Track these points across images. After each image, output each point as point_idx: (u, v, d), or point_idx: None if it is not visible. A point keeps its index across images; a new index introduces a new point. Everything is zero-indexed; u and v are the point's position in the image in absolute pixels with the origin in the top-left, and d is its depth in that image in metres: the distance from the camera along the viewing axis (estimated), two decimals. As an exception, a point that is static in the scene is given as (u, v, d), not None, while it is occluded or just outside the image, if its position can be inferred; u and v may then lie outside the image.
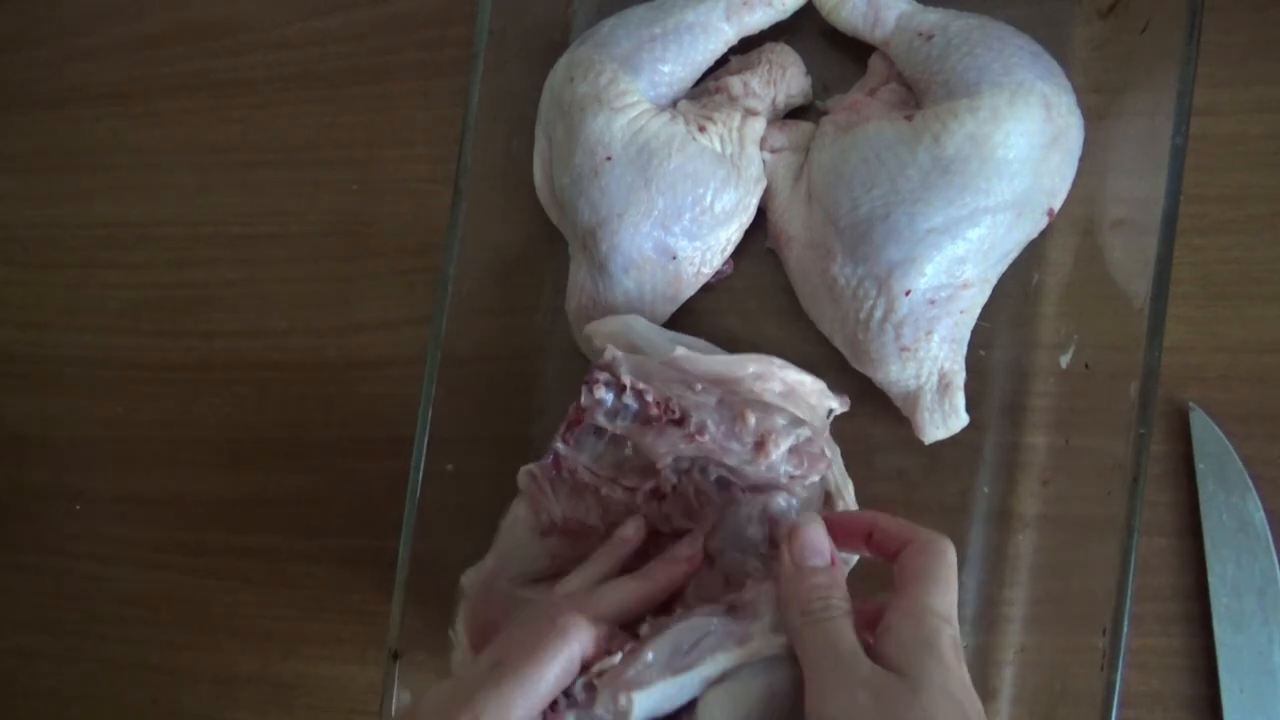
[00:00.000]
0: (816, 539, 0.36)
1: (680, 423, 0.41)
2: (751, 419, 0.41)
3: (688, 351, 0.42)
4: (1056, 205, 0.44)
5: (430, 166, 0.55)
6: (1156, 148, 0.40)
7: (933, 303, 0.43)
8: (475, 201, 0.47)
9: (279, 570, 0.57)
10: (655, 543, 0.42)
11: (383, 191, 0.57)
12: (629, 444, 0.42)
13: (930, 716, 0.31)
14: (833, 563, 0.36)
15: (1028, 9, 0.46)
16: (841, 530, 0.37)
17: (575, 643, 0.35)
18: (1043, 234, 0.44)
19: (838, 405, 0.45)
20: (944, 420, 0.44)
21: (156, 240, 0.61)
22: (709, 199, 0.46)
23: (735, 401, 0.42)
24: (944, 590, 0.35)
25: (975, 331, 0.45)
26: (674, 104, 0.47)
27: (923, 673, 0.32)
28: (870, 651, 0.33)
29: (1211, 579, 0.44)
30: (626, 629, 0.37)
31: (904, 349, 0.43)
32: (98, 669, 0.60)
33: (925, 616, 0.34)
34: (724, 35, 0.47)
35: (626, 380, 0.42)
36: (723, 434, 0.41)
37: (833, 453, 0.44)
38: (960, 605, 0.35)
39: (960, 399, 0.44)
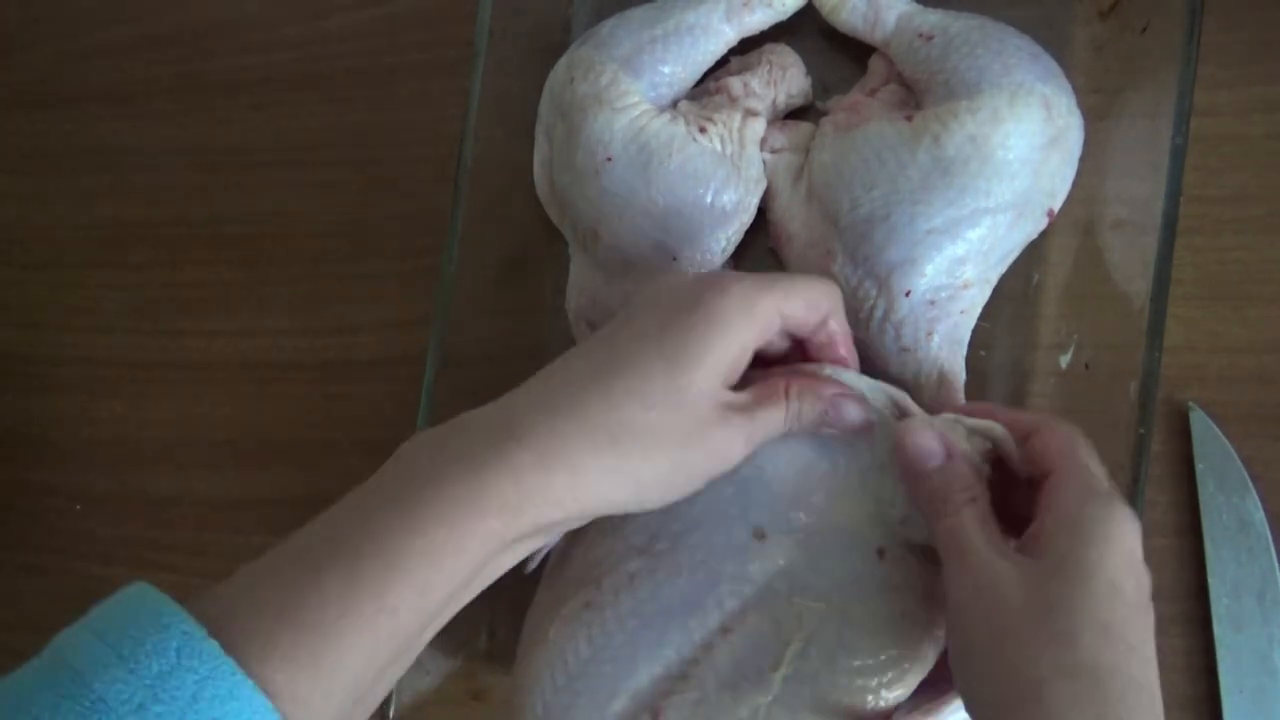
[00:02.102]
0: (923, 441, 0.36)
1: None
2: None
3: None
4: (1056, 206, 0.44)
5: (430, 166, 0.55)
6: (1156, 148, 0.40)
7: (933, 303, 0.43)
8: (475, 201, 0.47)
9: (279, 570, 0.57)
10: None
11: (383, 191, 0.57)
12: None
13: (1080, 611, 0.29)
14: (950, 455, 0.35)
15: (1028, 9, 0.45)
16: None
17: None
18: (1043, 234, 0.44)
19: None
20: None
21: (156, 240, 0.61)
22: (709, 199, 0.46)
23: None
24: (1088, 465, 0.33)
25: (975, 332, 0.45)
26: (674, 105, 0.47)
27: (1082, 565, 0.30)
28: (1017, 534, 0.32)
29: (1211, 579, 0.44)
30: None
31: (904, 349, 0.43)
32: (98, 669, 0.60)
33: (1085, 494, 0.32)
34: (724, 36, 0.47)
35: None
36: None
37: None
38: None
39: (960, 400, 0.44)
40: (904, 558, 0.38)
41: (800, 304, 0.37)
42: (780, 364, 0.40)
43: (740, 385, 0.37)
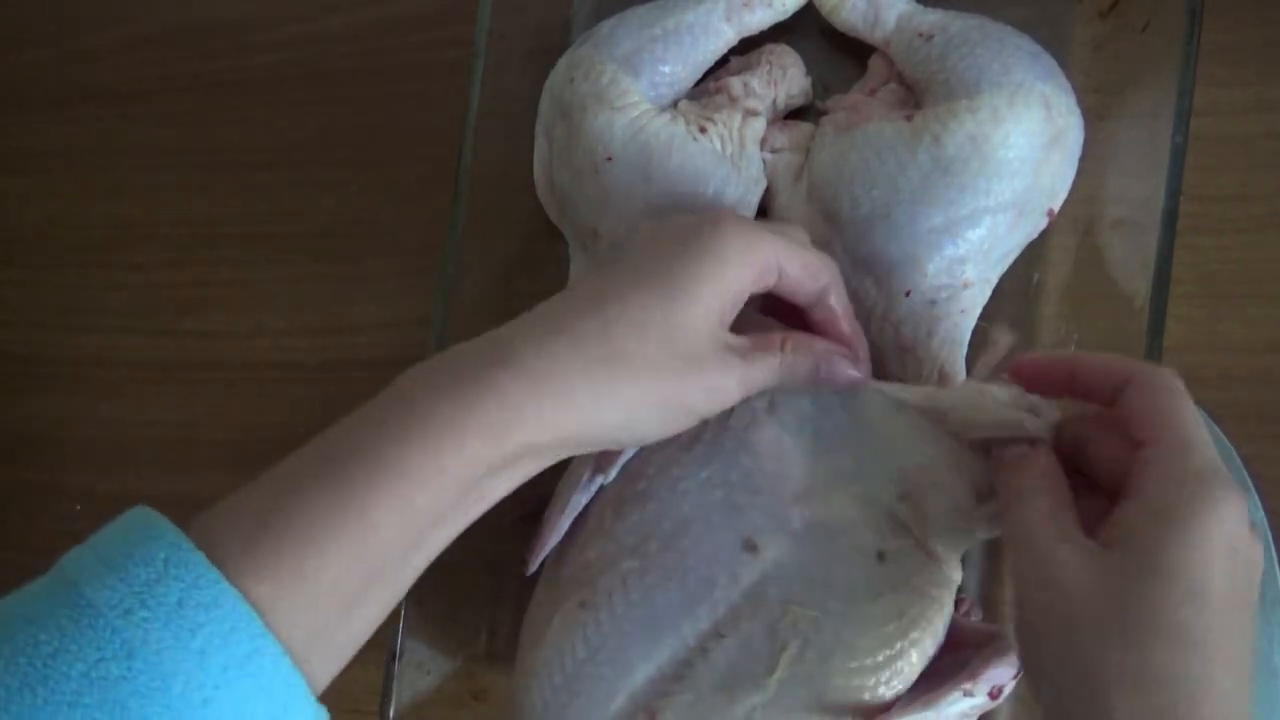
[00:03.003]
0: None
1: None
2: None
3: None
4: (1056, 205, 0.44)
5: (430, 166, 0.55)
6: (1156, 148, 0.40)
7: (933, 303, 0.43)
8: (475, 201, 0.47)
9: (279, 570, 0.57)
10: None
11: (383, 191, 0.57)
12: None
13: (1165, 609, 0.26)
14: (1031, 442, 0.33)
15: (1028, 9, 0.45)
16: (1035, 379, 0.34)
17: None
18: (1043, 234, 0.44)
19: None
20: None
21: (156, 240, 0.61)
22: (709, 199, 0.46)
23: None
24: (1190, 433, 0.29)
25: (975, 332, 0.45)
26: (674, 104, 0.47)
27: (1170, 558, 0.26)
28: (1104, 527, 0.29)
29: (1212, 579, 0.44)
30: None
31: (904, 349, 0.43)
32: (98, 669, 0.60)
33: (1179, 471, 0.28)
34: (724, 36, 0.47)
35: None
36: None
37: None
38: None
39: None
40: (903, 558, 0.38)
41: (798, 264, 0.37)
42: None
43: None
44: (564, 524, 0.42)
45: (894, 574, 0.38)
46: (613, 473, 0.41)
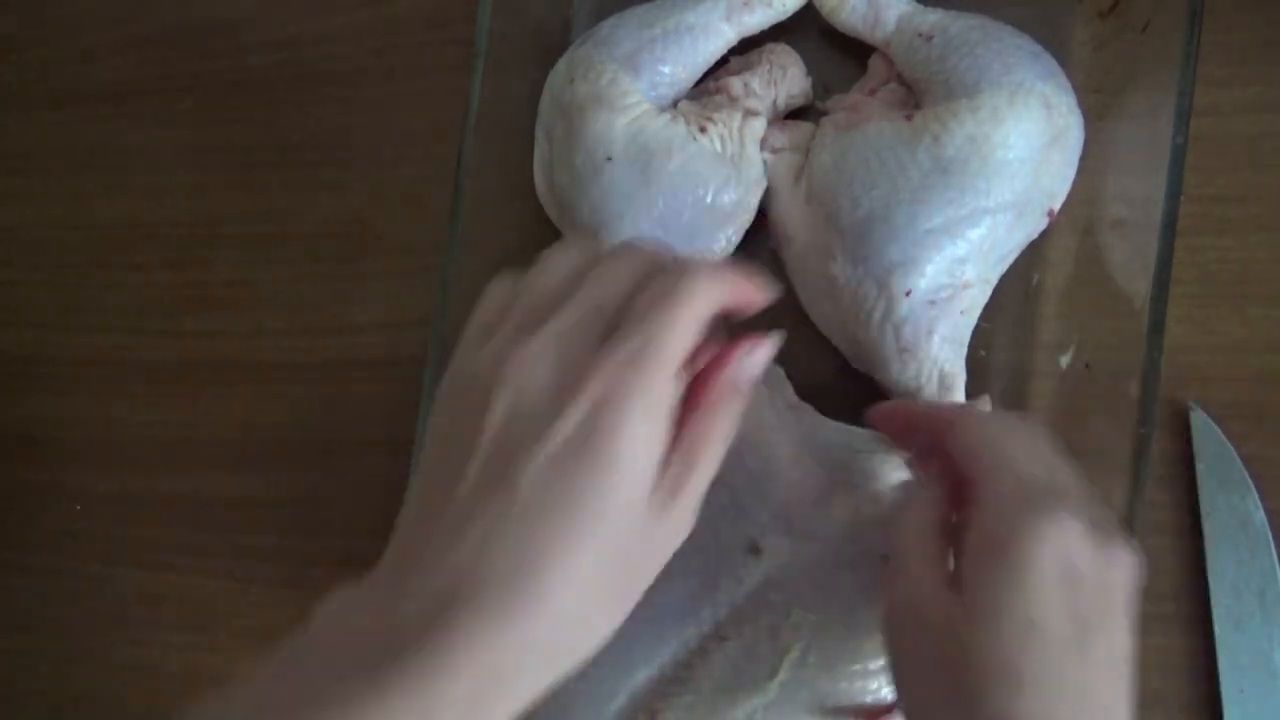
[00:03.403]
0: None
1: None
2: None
3: None
4: (1057, 205, 0.44)
5: (430, 166, 0.55)
6: (1157, 148, 0.40)
7: (933, 303, 0.43)
8: (475, 201, 0.47)
9: (279, 570, 0.57)
10: None
11: (383, 191, 0.57)
12: None
13: (973, 647, 0.25)
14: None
15: (1028, 9, 0.45)
16: (881, 425, 0.35)
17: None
18: (1043, 234, 0.44)
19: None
20: None
21: (156, 240, 0.61)
22: (709, 199, 0.46)
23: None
24: (1011, 466, 0.28)
25: (975, 332, 0.45)
26: (674, 104, 0.47)
27: (979, 588, 0.26)
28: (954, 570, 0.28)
29: (1212, 579, 0.44)
30: None
31: (904, 349, 0.43)
32: (98, 669, 0.60)
33: (993, 512, 0.27)
34: (724, 36, 0.47)
35: None
36: None
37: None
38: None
39: (961, 385, 0.44)
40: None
41: (693, 331, 0.29)
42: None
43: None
44: None
45: None
46: None
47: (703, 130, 0.46)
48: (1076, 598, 0.26)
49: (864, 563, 0.38)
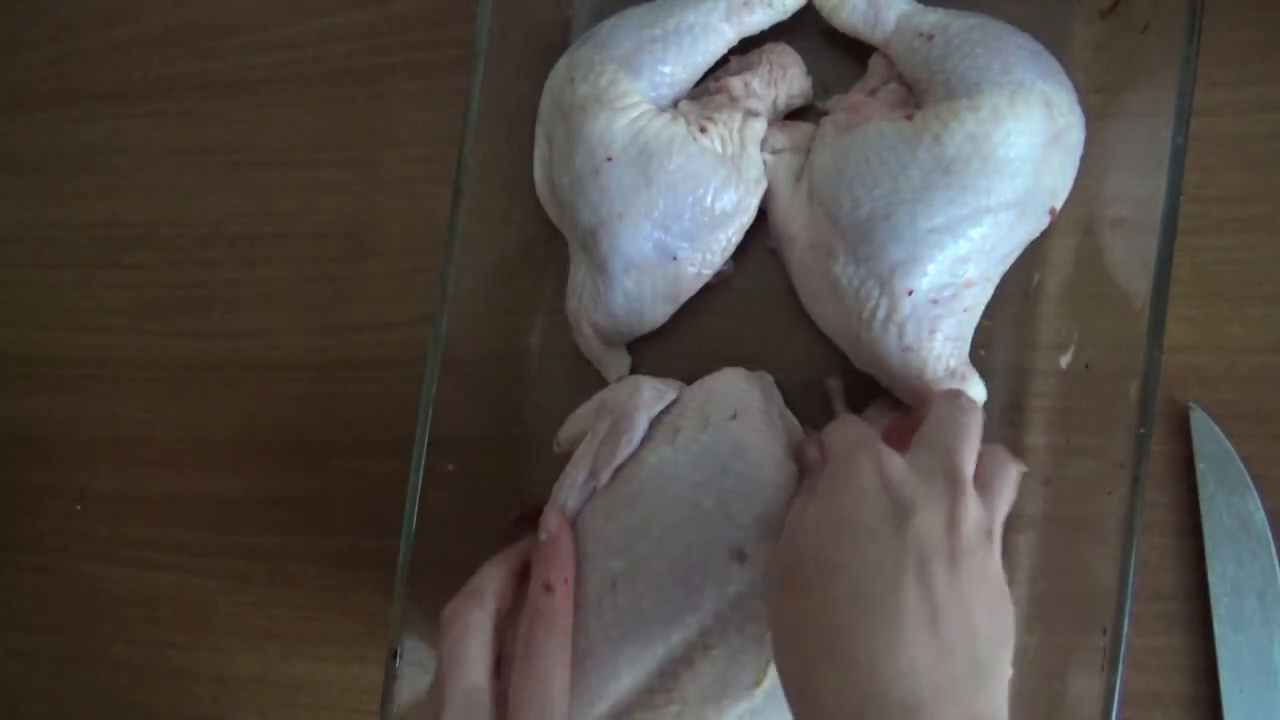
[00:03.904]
0: (853, 432, 0.37)
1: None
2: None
3: None
4: (1058, 204, 0.44)
5: (430, 166, 0.55)
6: (1157, 148, 0.40)
7: (935, 302, 0.43)
8: (475, 201, 0.47)
9: (279, 570, 0.57)
10: None
11: (383, 191, 0.57)
12: None
13: (803, 517, 0.33)
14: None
15: (1028, 9, 0.45)
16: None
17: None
18: (1043, 234, 0.44)
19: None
20: None
21: (156, 240, 0.61)
22: (709, 200, 0.46)
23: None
24: (934, 425, 0.35)
25: (976, 331, 0.45)
26: (674, 104, 0.47)
27: (816, 482, 0.34)
28: None
29: (1212, 579, 0.44)
30: None
31: (907, 348, 0.43)
32: (98, 669, 0.60)
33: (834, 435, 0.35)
34: (724, 36, 0.47)
35: None
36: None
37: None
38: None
39: (977, 382, 0.44)
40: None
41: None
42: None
43: None
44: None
45: None
46: (605, 477, 0.41)
47: (703, 130, 0.46)
48: (884, 509, 0.32)
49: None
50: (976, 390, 0.44)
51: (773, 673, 0.37)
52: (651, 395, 0.42)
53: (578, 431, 0.45)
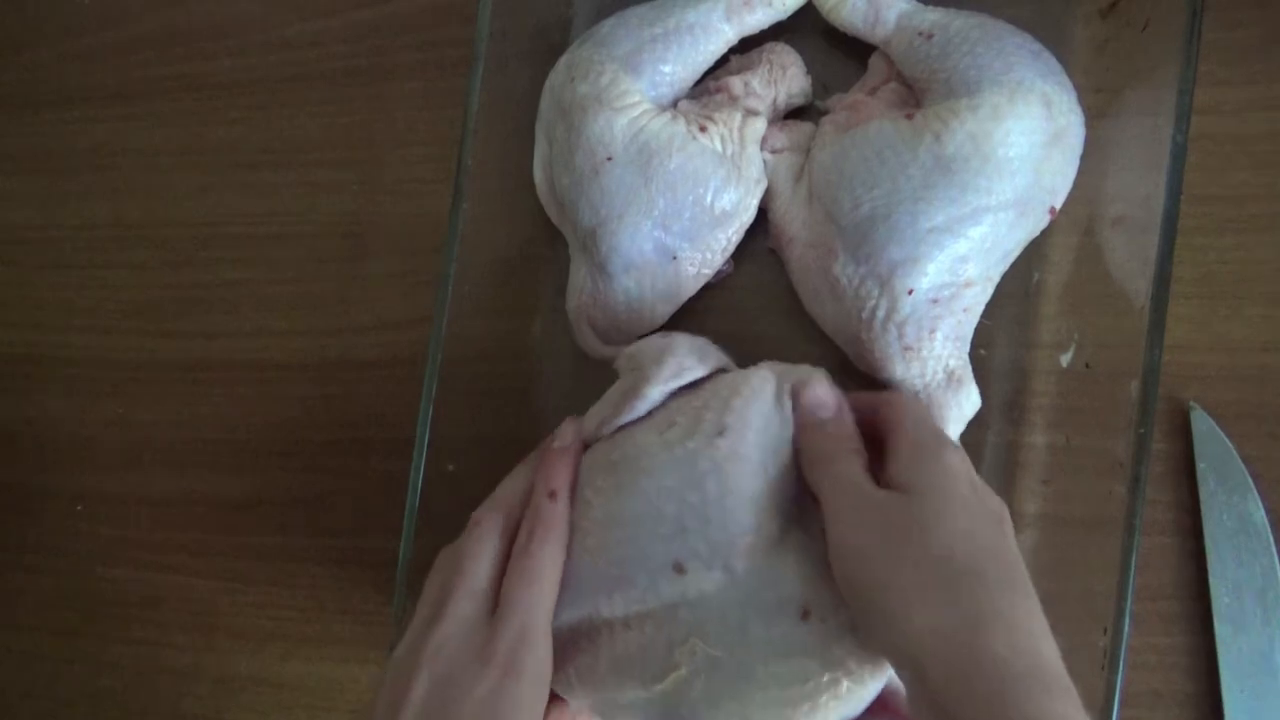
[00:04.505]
0: (821, 393, 0.39)
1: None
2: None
3: None
4: (1058, 203, 0.44)
5: (430, 166, 0.55)
6: (1157, 147, 0.40)
7: (935, 301, 0.43)
8: (475, 201, 0.47)
9: (279, 570, 0.57)
10: None
11: (383, 191, 0.57)
12: None
13: (934, 519, 0.33)
14: (838, 408, 0.39)
15: (1028, 8, 0.45)
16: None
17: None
18: (1043, 233, 0.44)
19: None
20: (958, 412, 0.44)
21: (156, 240, 0.61)
22: (709, 199, 0.46)
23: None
24: (920, 419, 0.38)
25: (975, 330, 0.45)
26: (674, 104, 0.47)
27: (926, 483, 0.34)
28: (880, 483, 0.36)
29: (1212, 578, 0.44)
30: None
31: (907, 348, 0.43)
32: (98, 669, 0.60)
33: (917, 433, 0.37)
34: (724, 35, 0.47)
35: None
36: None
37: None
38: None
39: (973, 388, 0.44)
40: (829, 622, 0.36)
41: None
42: None
43: None
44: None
45: (813, 637, 0.36)
46: (606, 429, 0.41)
47: (703, 130, 0.46)
48: (981, 495, 0.35)
49: (779, 620, 0.37)
50: (971, 398, 0.44)
51: (672, 680, 0.38)
52: (673, 369, 0.41)
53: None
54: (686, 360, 0.41)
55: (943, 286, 0.42)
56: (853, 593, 0.35)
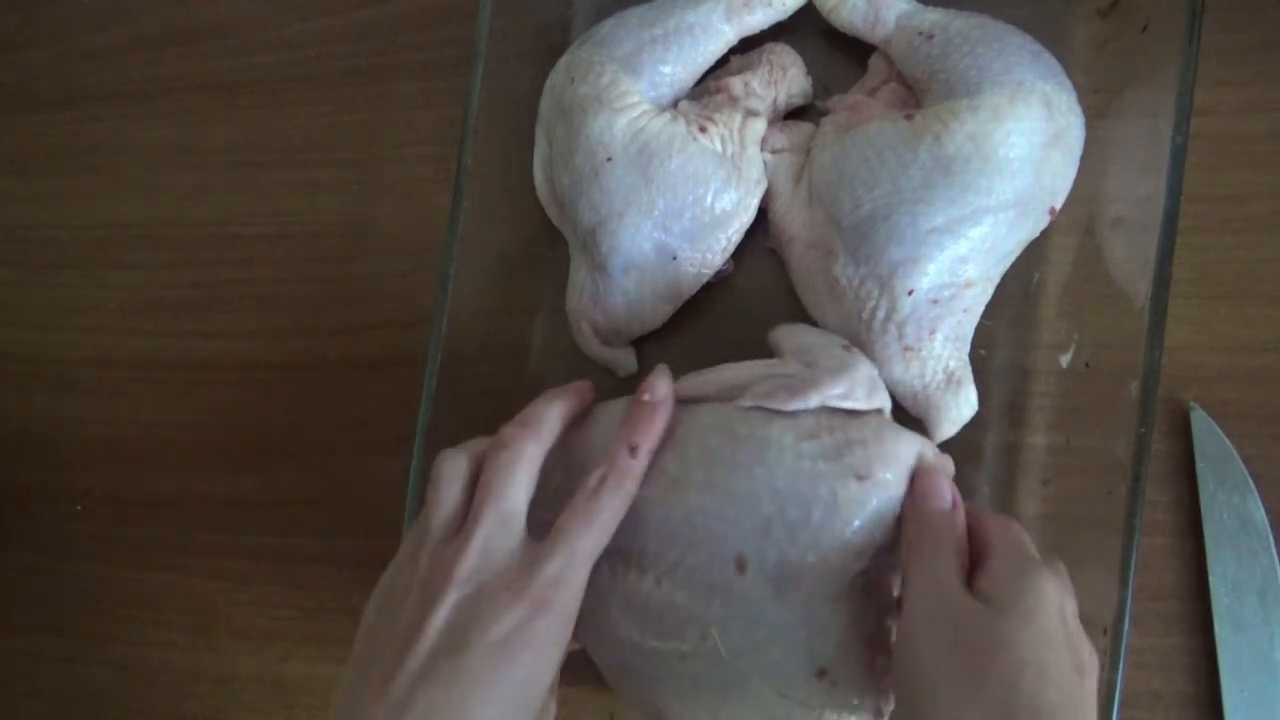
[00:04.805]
0: (942, 485, 0.37)
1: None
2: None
3: None
4: (1058, 204, 0.44)
5: (430, 166, 0.55)
6: (1157, 147, 0.40)
7: (935, 302, 0.43)
8: (475, 201, 0.47)
9: (279, 570, 0.57)
10: None
11: (383, 191, 0.57)
12: None
13: (1009, 639, 0.32)
14: (954, 505, 0.36)
15: (1028, 9, 0.46)
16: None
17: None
18: (1043, 234, 0.44)
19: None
20: (956, 414, 0.44)
21: (156, 240, 0.61)
22: (709, 199, 0.46)
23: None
24: (1023, 540, 0.36)
25: (976, 331, 0.45)
26: (674, 104, 0.47)
27: (1012, 600, 0.33)
28: (972, 589, 0.34)
29: (1212, 578, 0.44)
30: None
31: (907, 349, 0.43)
32: (98, 669, 0.60)
33: (1018, 552, 0.35)
34: (724, 36, 0.47)
35: None
36: None
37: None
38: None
39: (971, 391, 0.44)
40: (836, 686, 0.37)
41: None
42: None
43: None
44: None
45: (816, 694, 0.37)
46: (741, 403, 0.40)
47: (703, 130, 0.46)
48: (1070, 634, 0.34)
49: (796, 660, 0.37)
50: (969, 400, 0.44)
51: (671, 652, 0.38)
52: (844, 389, 0.39)
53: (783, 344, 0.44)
54: (859, 390, 0.39)
55: (943, 287, 0.42)
56: (908, 687, 0.34)
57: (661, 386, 0.40)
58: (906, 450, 0.37)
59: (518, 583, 0.35)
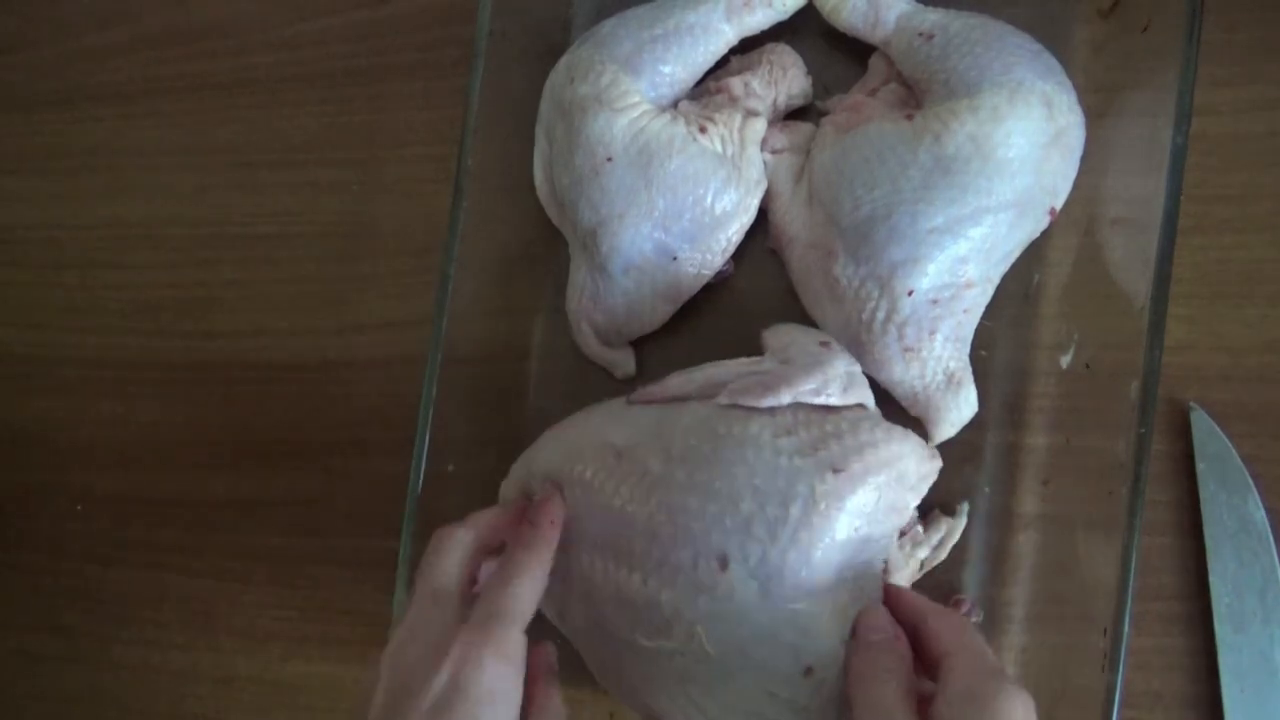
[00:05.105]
0: (879, 620, 0.36)
1: None
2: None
3: None
4: (1058, 204, 0.44)
5: (430, 166, 0.55)
6: (1157, 147, 0.40)
7: (935, 302, 0.43)
8: (475, 201, 0.47)
9: (279, 570, 0.57)
10: None
11: (383, 191, 0.57)
12: None
13: None
14: (897, 637, 0.36)
15: (1028, 9, 0.45)
16: (896, 611, 0.38)
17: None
18: (1043, 234, 0.44)
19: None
20: (956, 415, 0.44)
21: (156, 240, 0.61)
22: (709, 200, 0.46)
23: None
24: (980, 647, 0.35)
25: (976, 331, 0.45)
26: (675, 105, 0.47)
27: None
28: (923, 713, 0.33)
29: (1212, 578, 0.44)
30: None
31: (907, 349, 0.43)
32: (98, 669, 0.60)
33: (975, 667, 0.33)
34: (724, 36, 0.47)
35: None
36: None
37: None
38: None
39: (971, 392, 0.44)
40: (825, 683, 0.36)
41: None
42: None
43: None
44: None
45: (803, 692, 0.37)
46: (721, 399, 0.40)
47: (703, 130, 0.46)
48: None
49: (783, 659, 0.37)
50: (969, 401, 0.44)
51: (656, 646, 0.38)
52: (817, 385, 0.39)
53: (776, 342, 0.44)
54: (833, 385, 0.40)
55: (943, 287, 0.42)
56: None
57: (558, 506, 0.41)
58: (891, 456, 0.38)
59: (439, 647, 0.35)
